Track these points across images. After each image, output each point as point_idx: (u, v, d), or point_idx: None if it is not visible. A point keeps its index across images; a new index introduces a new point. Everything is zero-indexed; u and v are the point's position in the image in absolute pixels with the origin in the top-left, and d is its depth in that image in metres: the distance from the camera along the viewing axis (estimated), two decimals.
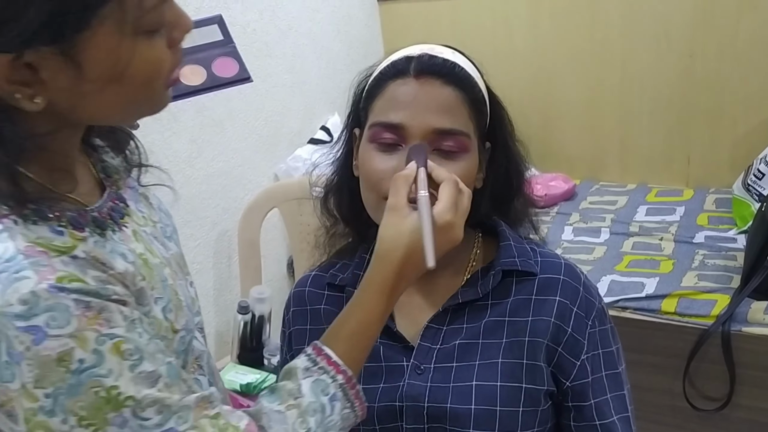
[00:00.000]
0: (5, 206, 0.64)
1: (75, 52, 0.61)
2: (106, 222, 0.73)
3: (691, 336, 1.97)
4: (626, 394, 0.97)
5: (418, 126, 0.88)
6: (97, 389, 0.62)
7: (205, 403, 0.70)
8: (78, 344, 0.61)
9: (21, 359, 0.60)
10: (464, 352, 0.94)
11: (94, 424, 0.62)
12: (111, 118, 0.74)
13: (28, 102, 0.62)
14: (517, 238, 1.01)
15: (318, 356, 0.78)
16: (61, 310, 0.61)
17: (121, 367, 0.63)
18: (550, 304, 0.94)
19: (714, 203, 2.59)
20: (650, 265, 2.22)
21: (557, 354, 0.93)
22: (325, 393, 0.76)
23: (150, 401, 0.64)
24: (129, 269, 0.71)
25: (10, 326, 0.60)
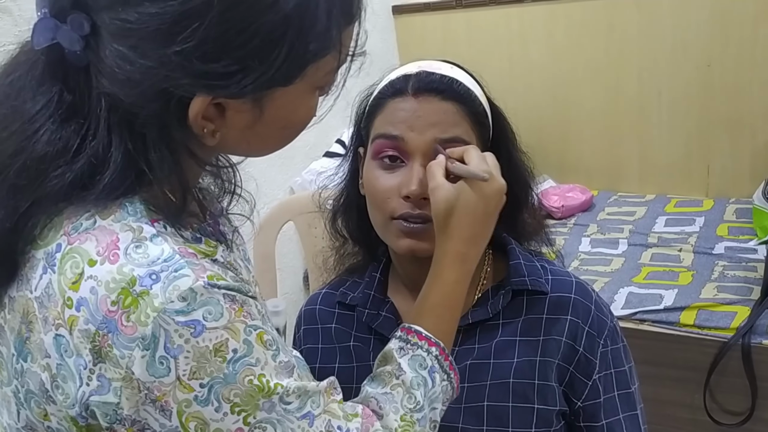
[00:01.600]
0: (157, 211, 0.69)
1: (266, 101, 0.67)
2: (220, 236, 0.78)
3: (710, 349, 1.94)
4: (639, 413, 0.96)
5: (418, 137, 0.89)
6: (250, 377, 0.66)
7: (331, 389, 0.75)
8: (231, 335, 0.65)
9: (179, 353, 0.63)
10: (476, 372, 0.93)
11: (246, 410, 0.66)
12: (251, 156, 0.79)
13: (210, 137, 0.68)
14: (527, 256, 0.99)
15: (408, 334, 0.81)
16: (215, 304, 0.65)
17: (266, 356, 0.68)
18: (562, 323, 0.93)
19: (734, 213, 2.55)
20: (669, 276, 2.19)
21: (569, 373, 0.92)
22: (423, 366, 0.79)
23: (294, 388, 0.69)
24: (247, 278, 0.78)
25: (171, 322, 0.63)
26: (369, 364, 0.97)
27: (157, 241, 0.66)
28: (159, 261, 0.65)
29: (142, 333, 0.63)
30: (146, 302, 0.63)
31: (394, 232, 0.91)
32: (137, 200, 0.68)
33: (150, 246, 0.66)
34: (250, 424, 0.66)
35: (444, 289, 0.84)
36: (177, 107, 0.64)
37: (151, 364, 0.63)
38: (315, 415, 0.70)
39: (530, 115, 2.94)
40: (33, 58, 0.68)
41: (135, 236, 0.66)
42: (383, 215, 0.91)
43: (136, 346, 0.63)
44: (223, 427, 0.65)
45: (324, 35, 0.65)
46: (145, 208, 0.68)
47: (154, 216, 0.68)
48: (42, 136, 0.65)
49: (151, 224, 0.67)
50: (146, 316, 0.63)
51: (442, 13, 3.05)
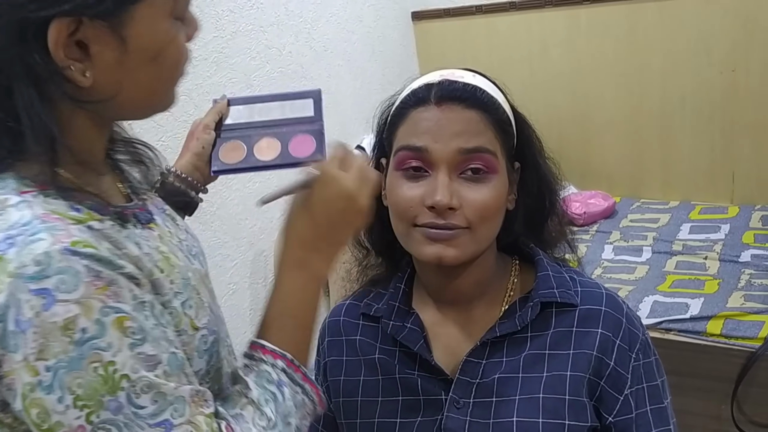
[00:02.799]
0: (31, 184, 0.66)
1: (122, 27, 0.66)
2: (128, 217, 0.75)
3: (738, 359, 1.91)
4: (672, 428, 0.93)
5: (443, 149, 0.87)
6: (96, 364, 0.61)
7: (201, 400, 0.69)
8: (83, 312, 0.61)
9: (28, 327, 0.59)
10: (504, 387, 0.91)
11: (89, 407, 0.61)
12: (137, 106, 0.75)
13: (80, 76, 0.66)
14: (555, 267, 0.97)
15: (252, 350, 0.78)
16: (72, 273, 0.61)
17: (121, 343, 0.62)
18: (592, 336, 0.91)
19: (760, 221, 2.51)
20: (694, 285, 2.16)
21: (600, 388, 0.90)
22: (270, 381, 0.75)
23: (145, 384, 0.63)
24: (142, 257, 0.71)
25: (23, 289, 0.59)
26: (395, 377, 0.96)
27: (20, 207, 0.64)
28: (17, 225, 0.62)
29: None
30: (2, 268, 0.60)
31: (417, 239, 0.89)
32: (9, 178, 0.67)
33: (11, 212, 0.64)
34: (93, 423, 0.61)
35: (284, 297, 0.80)
36: (34, 40, 0.64)
37: (2, 337, 0.60)
38: (174, 424, 0.64)
39: (552, 121, 2.92)
40: None
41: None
42: (406, 223, 0.90)
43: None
44: (64, 421, 0.61)
45: None
46: (17, 182, 0.67)
47: (25, 189, 0.66)
48: None
49: (19, 194, 0.66)
50: (2, 283, 0.60)
51: (461, 18, 3.04)
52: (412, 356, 0.96)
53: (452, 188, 0.87)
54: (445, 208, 0.86)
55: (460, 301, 0.96)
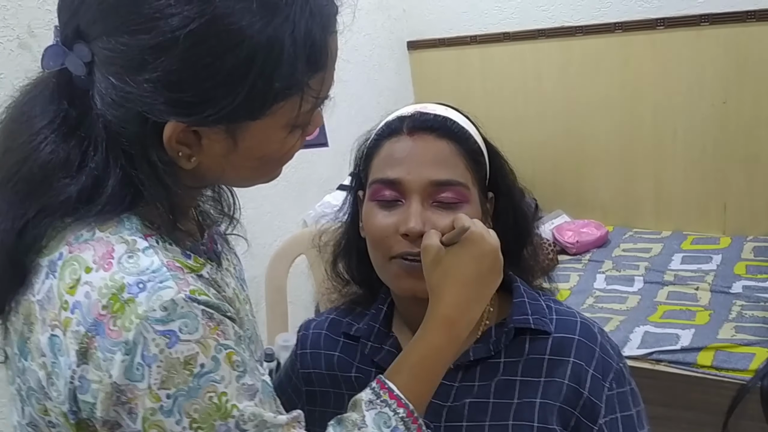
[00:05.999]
0: (151, 227, 0.74)
1: (237, 132, 0.72)
2: (213, 255, 0.82)
3: (728, 391, 1.90)
4: None
5: (415, 180, 0.90)
6: (212, 394, 0.68)
7: (295, 423, 0.76)
8: (201, 350, 0.68)
9: (153, 361, 0.66)
10: (475, 412, 0.91)
11: (203, 428, 0.68)
12: (237, 184, 0.85)
13: (186, 161, 0.73)
14: (532, 295, 0.98)
15: (381, 389, 0.81)
16: (192, 318, 0.68)
17: (231, 376, 0.70)
18: (564, 365, 0.91)
19: (752, 252, 2.52)
20: (686, 316, 2.16)
21: (574, 418, 0.90)
22: (387, 425, 0.79)
23: (251, 414, 0.70)
24: (232, 296, 0.81)
25: (150, 330, 0.66)
26: None
27: (149, 253, 0.71)
28: (148, 271, 0.69)
29: (125, 338, 0.66)
30: (131, 309, 0.67)
31: (393, 273, 0.91)
32: (134, 217, 0.73)
33: (141, 257, 0.70)
34: None
35: (426, 352, 0.84)
36: (153, 130, 0.70)
37: (129, 369, 0.66)
38: None
39: (545, 151, 2.94)
40: (46, 80, 0.74)
41: (129, 248, 0.71)
42: (382, 255, 0.92)
43: (118, 350, 0.66)
44: None
45: (288, 78, 0.70)
46: (140, 223, 0.73)
47: (148, 231, 0.73)
48: (45, 147, 0.71)
49: (144, 238, 0.72)
50: (130, 322, 0.66)
51: (456, 48, 3.07)
52: None
53: (425, 216, 0.89)
54: (418, 236, 0.88)
55: None
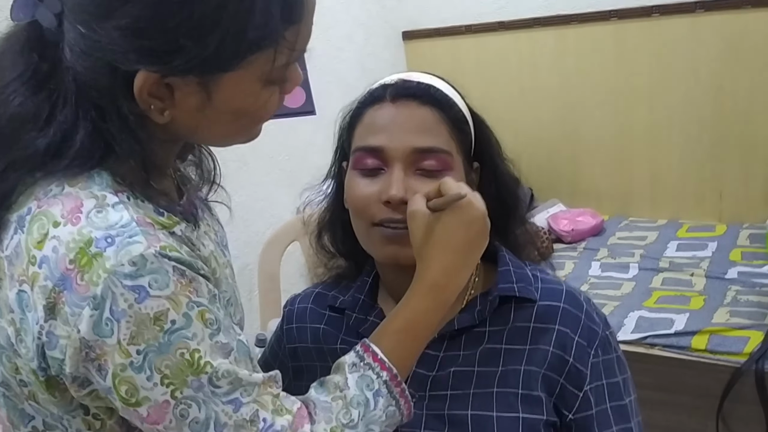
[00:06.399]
0: (123, 184, 0.72)
1: (211, 84, 0.71)
2: (190, 216, 0.81)
3: (723, 374, 1.89)
4: (634, 427, 0.92)
5: (398, 147, 0.89)
6: (183, 351, 0.68)
7: (272, 382, 0.76)
8: (172, 306, 0.67)
9: (122, 317, 0.66)
10: (459, 380, 0.91)
11: (174, 384, 0.68)
12: (213, 142, 0.84)
13: (159, 114, 0.72)
14: (517, 264, 0.97)
15: (365, 352, 0.81)
16: (163, 273, 0.67)
17: (203, 333, 0.69)
18: (549, 333, 0.90)
19: (748, 239, 2.51)
20: (680, 301, 2.15)
21: (559, 385, 0.89)
22: (369, 388, 0.79)
23: (224, 371, 0.70)
24: (209, 256, 0.80)
25: (119, 285, 0.66)
26: None
27: (118, 208, 0.70)
28: (116, 226, 0.68)
29: (93, 293, 0.66)
30: (99, 263, 0.66)
31: (376, 240, 0.90)
32: (105, 172, 0.72)
33: (111, 212, 0.69)
34: (177, 399, 0.68)
35: (411, 316, 0.83)
36: (123, 82, 0.68)
37: (97, 324, 0.66)
38: (243, 402, 0.71)
39: (540, 140, 2.93)
40: (17, 33, 0.73)
41: (98, 203, 0.70)
42: (364, 222, 0.91)
43: (86, 305, 0.66)
44: (151, 396, 0.68)
45: (262, 29, 0.69)
46: (111, 179, 0.72)
47: (119, 188, 0.72)
48: (14, 100, 0.70)
49: (114, 194, 0.71)
50: (98, 277, 0.66)
51: (451, 38, 3.06)
52: None
53: (407, 183, 0.88)
54: (400, 203, 0.87)
55: None
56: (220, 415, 0.70)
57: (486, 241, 0.86)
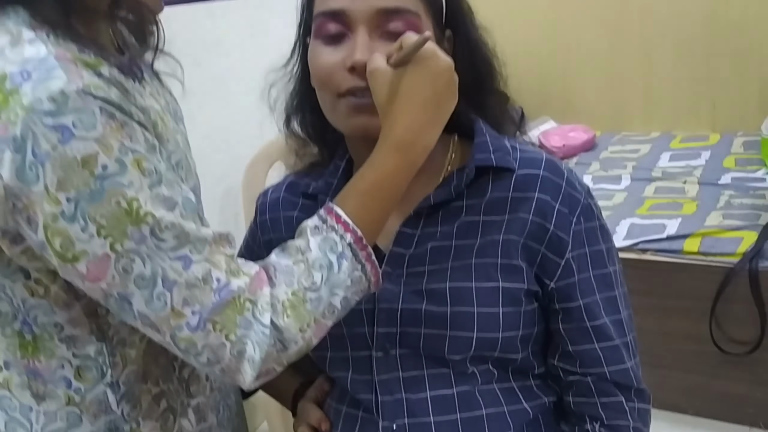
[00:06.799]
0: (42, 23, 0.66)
1: None
2: (128, 70, 0.74)
3: (716, 276, 1.86)
4: (618, 296, 0.89)
5: (361, 9, 0.82)
6: (119, 199, 0.63)
7: (223, 241, 0.71)
8: (102, 150, 0.62)
9: (46, 159, 0.60)
10: (437, 256, 0.87)
11: (113, 236, 0.63)
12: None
13: None
14: (495, 135, 0.93)
15: (328, 215, 0.77)
16: (88, 114, 0.62)
17: (141, 182, 0.64)
18: (529, 201, 0.86)
19: (742, 146, 2.46)
20: (673, 207, 2.11)
21: (540, 254, 0.86)
22: (333, 251, 0.75)
23: (168, 223, 0.66)
24: (148, 108, 0.73)
25: (39, 123, 0.60)
26: None
27: (35, 44, 0.64)
28: (33, 60, 0.63)
29: (13, 133, 0.61)
30: (16, 100, 0.61)
31: (343, 111, 0.85)
32: (22, 10, 0.66)
33: (26, 47, 0.64)
34: (117, 252, 0.64)
35: (376, 176, 0.78)
36: None
37: (21, 169, 0.61)
38: (193, 260, 0.67)
39: (531, 56, 2.85)
40: None
41: (13, 39, 0.64)
42: (330, 94, 0.85)
43: (6, 147, 0.61)
44: (89, 249, 0.64)
45: None
46: (29, 17, 0.66)
47: (37, 26, 0.66)
48: None
49: (32, 30, 0.65)
50: (16, 115, 0.61)
51: None
52: None
53: (372, 47, 0.82)
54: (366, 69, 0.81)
55: None
56: (168, 271, 0.66)
57: (454, 97, 0.81)
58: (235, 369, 0.70)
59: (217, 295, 0.68)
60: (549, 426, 0.90)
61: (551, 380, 0.91)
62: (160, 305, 0.66)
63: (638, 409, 0.87)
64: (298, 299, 0.72)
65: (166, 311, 0.66)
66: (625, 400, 0.86)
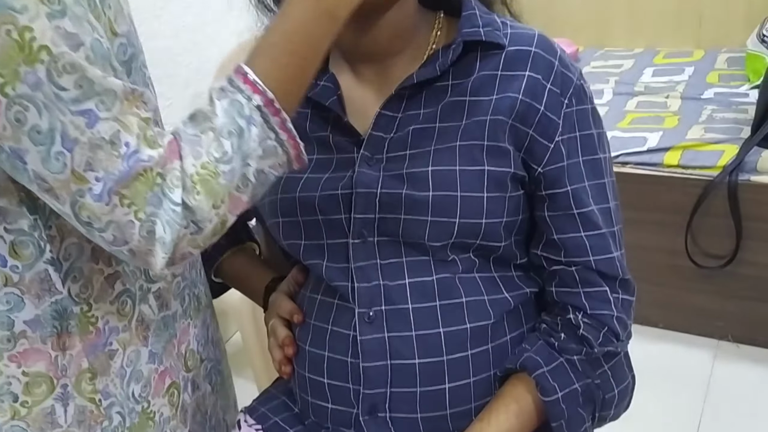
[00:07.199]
0: None
1: None
2: None
3: (695, 189, 1.85)
4: (607, 184, 0.85)
5: None
6: (9, 27, 0.54)
7: (137, 100, 0.62)
8: None
9: None
10: (419, 138, 0.81)
11: (4, 76, 0.55)
12: None
13: None
14: (485, 9, 0.86)
15: (235, 75, 0.66)
16: None
17: (38, 9, 0.55)
18: (519, 79, 0.81)
19: (726, 62, 2.42)
20: (654, 121, 2.08)
21: (528, 137, 0.81)
22: (241, 115, 0.64)
23: (68, 64, 0.57)
24: None
25: None
26: (306, 136, 0.87)
27: None
28: None
29: None
30: None
31: None
32: None
33: None
34: (8, 97, 0.56)
35: (288, 27, 0.68)
36: None
37: None
38: (99, 116, 0.58)
39: None
40: None
41: None
42: None
43: None
44: None
45: None
46: None
47: None
48: None
49: None
50: None
51: None
52: (324, 117, 0.87)
53: None
54: None
55: (377, 58, 0.85)
56: (68, 127, 0.58)
57: None
58: (145, 251, 0.63)
59: (126, 163, 0.60)
60: (529, 317, 0.87)
61: (533, 271, 0.87)
62: (59, 166, 0.58)
63: (622, 299, 0.84)
64: (209, 172, 0.63)
65: (65, 174, 0.58)
66: (609, 290, 0.83)
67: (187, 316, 0.85)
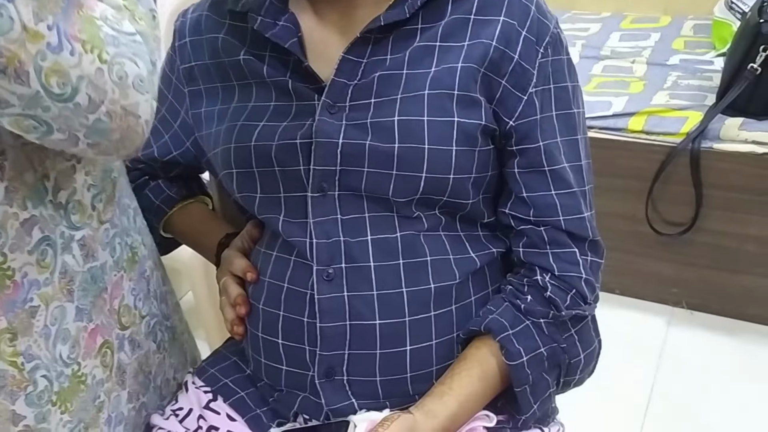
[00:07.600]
0: None
1: None
2: None
3: (658, 155, 1.84)
4: (580, 141, 0.82)
5: None
6: None
7: None
8: None
9: None
10: (385, 86, 0.76)
11: None
12: None
13: None
14: None
15: None
16: None
17: None
18: (493, 25, 0.76)
19: (692, 29, 2.40)
20: (620, 86, 2.05)
21: (501, 88, 0.76)
22: None
23: None
24: None
25: None
26: (264, 80, 0.81)
27: None
28: None
29: None
30: None
31: None
32: None
33: None
34: None
35: None
36: None
37: None
38: None
39: None
40: None
41: None
42: None
43: None
44: None
45: None
46: None
47: None
48: None
49: None
50: None
51: None
52: (283, 61, 0.81)
53: None
54: None
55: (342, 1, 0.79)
56: None
57: None
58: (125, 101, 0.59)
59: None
60: (495, 277, 0.83)
61: (500, 231, 0.84)
62: (6, 22, 0.49)
63: (591, 261, 0.81)
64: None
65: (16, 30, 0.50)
66: (578, 251, 0.80)
67: (119, 268, 0.78)
